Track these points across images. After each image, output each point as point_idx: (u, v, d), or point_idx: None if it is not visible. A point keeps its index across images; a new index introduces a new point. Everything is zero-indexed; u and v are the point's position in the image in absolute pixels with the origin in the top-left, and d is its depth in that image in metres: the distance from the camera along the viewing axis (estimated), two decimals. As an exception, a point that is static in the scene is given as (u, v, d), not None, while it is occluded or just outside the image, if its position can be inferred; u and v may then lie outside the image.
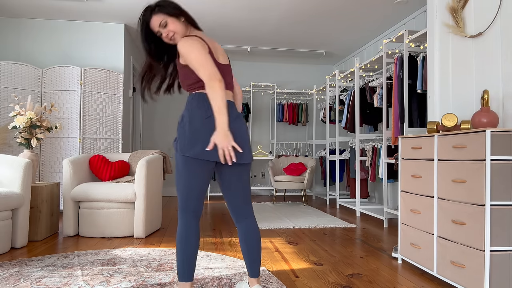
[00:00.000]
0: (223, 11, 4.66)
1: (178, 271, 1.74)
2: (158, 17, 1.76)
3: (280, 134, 7.11)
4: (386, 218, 4.11)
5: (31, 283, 2.16)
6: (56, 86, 4.68)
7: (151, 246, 3.08)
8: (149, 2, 2.05)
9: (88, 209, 3.39)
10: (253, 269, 1.84)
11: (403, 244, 2.63)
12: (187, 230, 1.73)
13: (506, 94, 2.26)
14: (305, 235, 3.56)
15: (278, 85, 7.12)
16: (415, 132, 3.57)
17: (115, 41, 5.16)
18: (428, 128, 2.44)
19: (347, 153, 5.56)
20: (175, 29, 1.77)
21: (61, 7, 4.60)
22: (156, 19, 1.76)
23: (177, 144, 1.73)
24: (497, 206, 1.88)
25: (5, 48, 4.92)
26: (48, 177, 4.59)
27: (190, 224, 1.73)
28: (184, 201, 1.74)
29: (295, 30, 5.33)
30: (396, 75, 3.83)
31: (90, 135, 4.72)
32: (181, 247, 1.72)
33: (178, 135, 1.73)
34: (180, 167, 1.73)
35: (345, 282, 2.27)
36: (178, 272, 1.74)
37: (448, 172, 2.16)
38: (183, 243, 1.72)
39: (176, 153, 1.74)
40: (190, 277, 1.74)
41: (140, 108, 6.68)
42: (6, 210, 2.84)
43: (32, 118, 3.37)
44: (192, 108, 1.73)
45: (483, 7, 2.44)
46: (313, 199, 6.42)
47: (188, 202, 1.74)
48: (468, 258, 1.98)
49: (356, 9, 4.57)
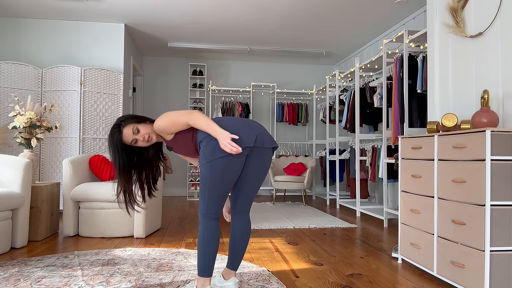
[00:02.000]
0: (223, 11, 4.66)
1: (199, 267, 1.85)
2: (129, 128, 1.90)
3: (280, 134, 7.11)
4: (386, 218, 4.11)
5: (31, 283, 2.16)
6: (56, 86, 4.68)
7: (151, 246, 3.08)
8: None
9: (88, 209, 3.39)
10: (236, 262, 2.01)
11: (403, 244, 2.63)
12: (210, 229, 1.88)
13: (506, 94, 2.26)
14: (305, 235, 3.56)
15: (278, 85, 7.12)
16: (415, 132, 3.57)
17: (115, 41, 5.16)
18: (428, 128, 2.44)
19: (347, 153, 5.56)
20: (148, 131, 1.93)
21: (61, 7, 4.60)
22: (128, 130, 1.90)
23: (206, 155, 1.82)
24: (497, 206, 1.88)
25: (5, 48, 4.92)
26: (48, 177, 4.59)
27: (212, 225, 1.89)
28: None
29: (295, 30, 5.33)
30: (396, 75, 3.83)
31: (90, 135, 4.72)
32: (203, 244, 1.85)
33: (205, 147, 1.83)
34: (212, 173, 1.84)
35: (345, 282, 2.27)
36: (198, 267, 1.86)
37: (448, 172, 2.16)
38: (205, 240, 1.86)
39: (208, 163, 1.81)
40: (210, 272, 1.86)
41: (140, 108, 6.68)
42: (6, 210, 2.84)
43: (32, 118, 3.37)
44: (205, 134, 1.86)
45: (483, 7, 2.44)
46: (313, 199, 6.42)
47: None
48: (468, 258, 1.98)
49: (356, 9, 4.57)
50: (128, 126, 1.90)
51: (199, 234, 1.85)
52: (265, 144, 1.89)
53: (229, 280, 2.01)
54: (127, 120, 1.93)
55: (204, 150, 1.83)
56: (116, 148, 1.92)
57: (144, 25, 5.22)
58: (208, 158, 1.80)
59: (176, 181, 6.86)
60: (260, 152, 1.91)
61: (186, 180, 6.83)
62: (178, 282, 2.20)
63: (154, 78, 6.86)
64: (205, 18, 4.92)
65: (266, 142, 1.89)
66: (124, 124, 1.91)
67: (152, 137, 1.94)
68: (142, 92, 6.75)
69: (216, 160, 1.79)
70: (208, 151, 1.81)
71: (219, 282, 2.03)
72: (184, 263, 2.59)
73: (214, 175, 1.80)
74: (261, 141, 1.87)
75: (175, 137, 1.95)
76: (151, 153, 2.07)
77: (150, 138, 1.94)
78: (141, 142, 1.94)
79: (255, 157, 1.91)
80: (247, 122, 1.90)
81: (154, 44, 6.06)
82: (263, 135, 1.89)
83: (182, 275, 2.33)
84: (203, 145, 1.85)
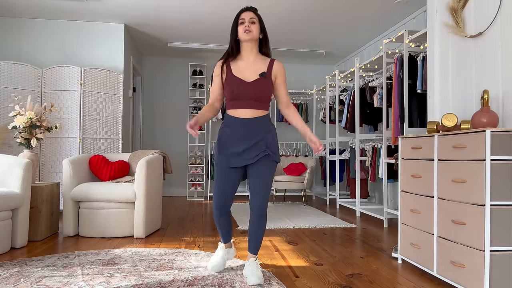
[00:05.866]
0: (223, 11, 4.66)
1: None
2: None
3: (280, 134, 7.10)
4: (386, 218, 4.12)
5: (31, 283, 2.16)
6: (56, 86, 4.68)
7: (151, 246, 3.08)
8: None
9: (88, 209, 3.39)
10: (250, 246, 2.27)
11: (403, 244, 2.63)
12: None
13: (506, 94, 2.26)
14: (305, 235, 3.56)
15: (278, 85, 7.11)
16: (415, 132, 3.57)
17: (115, 41, 5.16)
18: (428, 128, 2.44)
19: (347, 153, 5.56)
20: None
21: (61, 7, 4.60)
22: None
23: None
24: (497, 206, 1.88)
25: (5, 48, 4.92)
26: (48, 177, 4.59)
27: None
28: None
29: (295, 30, 5.33)
30: (396, 75, 3.83)
31: (90, 135, 4.73)
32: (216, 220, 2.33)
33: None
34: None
35: (345, 282, 2.27)
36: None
37: (448, 172, 2.16)
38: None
39: (277, 161, 2.23)
40: (225, 240, 2.41)
41: (140, 108, 6.68)
42: (6, 210, 2.84)
43: (32, 118, 3.37)
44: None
45: (483, 7, 2.44)
46: (313, 199, 6.42)
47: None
48: (468, 258, 1.98)
49: (356, 9, 4.57)
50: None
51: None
52: (232, 165, 2.17)
53: (248, 260, 2.29)
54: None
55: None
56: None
57: (144, 25, 5.22)
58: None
59: (176, 181, 6.87)
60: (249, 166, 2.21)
61: (186, 180, 6.84)
62: (179, 282, 2.20)
63: (154, 78, 6.86)
64: (205, 18, 4.92)
65: (233, 163, 2.17)
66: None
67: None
68: (142, 92, 6.75)
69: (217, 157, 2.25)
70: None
71: (227, 253, 2.44)
72: (184, 263, 2.59)
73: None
74: (234, 162, 2.17)
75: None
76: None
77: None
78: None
79: (250, 166, 2.20)
80: (232, 139, 2.18)
81: (154, 44, 6.06)
82: (234, 156, 2.16)
83: (182, 275, 2.33)
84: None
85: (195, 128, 1.99)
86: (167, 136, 6.86)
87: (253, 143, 2.13)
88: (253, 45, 2.23)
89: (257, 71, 2.18)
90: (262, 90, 2.13)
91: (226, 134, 2.19)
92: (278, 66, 2.21)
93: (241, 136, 2.14)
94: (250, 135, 2.13)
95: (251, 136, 2.13)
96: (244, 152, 2.13)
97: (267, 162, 2.14)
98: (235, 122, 2.16)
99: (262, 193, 2.13)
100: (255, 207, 2.15)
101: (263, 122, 2.17)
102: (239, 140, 2.15)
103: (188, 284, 2.17)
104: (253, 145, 2.13)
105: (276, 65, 2.21)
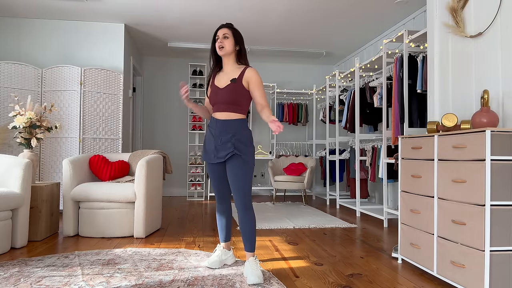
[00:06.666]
0: (223, 11, 4.66)
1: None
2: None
3: (280, 134, 7.10)
4: (386, 218, 4.12)
5: (31, 283, 2.16)
6: (56, 86, 4.68)
7: (151, 246, 3.08)
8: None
9: (88, 209, 3.39)
10: (244, 245, 2.39)
11: (403, 244, 2.63)
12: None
13: (506, 94, 2.26)
14: (305, 235, 3.56)
15: (278, 85, 7.12)
16: (415, 132, 3.57)
17: (115, 41, 5.16)
18: (428, 128, 2.44)
19: (347, 153, 5.56)
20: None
21: (61, 7, 4.60)
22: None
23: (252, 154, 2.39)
24: (497, 206, 1.88)
25: (5, 48, 4.92)
26: (48, 177, 4.59)
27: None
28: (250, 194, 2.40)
29: (295, 30, 5.33)
30: (396, 75, 3.83)
31: (90, 135, 4.73)
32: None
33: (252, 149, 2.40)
34: (251, 170, 2.37)
35: (345, 282, 2.27)
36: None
37: (448, 172, 2.16)
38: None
39: (250, 161, 2.36)
40: (221, 238, 2.61)
41: (140, 108, 6.68)
42: (6, 210, 2.84)
43: (32, 118, 3.37)
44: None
45: (483, 7, 2.44)
46: (313, 199, 6.42)
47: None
48: (468, 258, 1.98)
49: (356, 9, 4.57)
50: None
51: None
52: (210, 161, 2.43)
53: (248, 259, 2.38)
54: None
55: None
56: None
57: (144, 25, 5.22)
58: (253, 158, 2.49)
59: (176, 181, 6.87)
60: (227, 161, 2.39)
61: (186, 180, 6.84)
62: (179, 282, 2.20)
63: (154, 78, 6.86)
64: (205, 18, 4.92)
65: (210, 159, 2.42)
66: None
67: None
68: (142, 92, 6.75)
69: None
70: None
71: (224, 254, 2.56)
72: (184, 263, 2.59)
73: (251, 172, 2.40)
74: (210, 158, 2.42)
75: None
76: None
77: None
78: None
79: (226, 166, 2.39)
80: (210, 138, 2.43)
81: (154, 44, 6.06)
82: (210, 153, 2.42)
83: (182, 275, 2.33)
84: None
85: (186, 93, 2.30)
86: (167, 136, 6.86)
87: (222, 142, 2.36)
88: (230, 57, 2.44)
89: (230, 78, 2.42)
90: (232, 94, 2.35)
91: (207, 133, 2.48)
92: (249, 72, 2.39)
93: (215, 135, 2.39)
94: (221, 135, 2.36)
95: (221, 136, 2.36)
96: (215, 150, 2.38)
97: (238, 161, 2.33)
98: (212, 123, 2.44)
99: (236, 189, 2.33)
100: (235, 202, 2.37)
101: (235, 124, 2.36)
102: (213, 138, 2.40)
103: (188, 284, 2.17)
104: (222, 145, 2.35)
105: (247, 71, 2.40)
